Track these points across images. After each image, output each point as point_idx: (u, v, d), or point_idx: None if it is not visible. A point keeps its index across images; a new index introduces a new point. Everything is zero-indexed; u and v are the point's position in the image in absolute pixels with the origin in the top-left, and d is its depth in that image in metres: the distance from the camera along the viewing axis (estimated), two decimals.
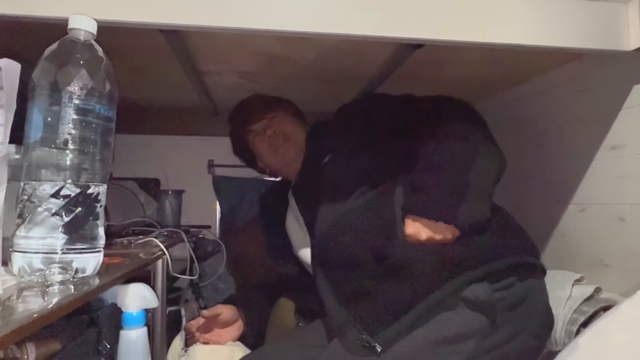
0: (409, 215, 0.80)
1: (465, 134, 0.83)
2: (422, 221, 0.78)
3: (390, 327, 0.72)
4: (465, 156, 0.80)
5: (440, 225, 0.77)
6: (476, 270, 0.73)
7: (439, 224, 0.77)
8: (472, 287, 0.73)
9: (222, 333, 1.12)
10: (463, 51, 0.87)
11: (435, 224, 0.77)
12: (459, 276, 0.73)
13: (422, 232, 0.77)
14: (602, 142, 0.96)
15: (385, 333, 0.72)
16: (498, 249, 0.78)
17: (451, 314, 0.73)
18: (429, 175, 0.80)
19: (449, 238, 0.77)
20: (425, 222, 0.77)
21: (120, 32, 0.71)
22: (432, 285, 0.73)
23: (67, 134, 0.55)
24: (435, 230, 0.77)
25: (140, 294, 0.81)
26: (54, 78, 0.55)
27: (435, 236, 0.77)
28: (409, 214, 0.80)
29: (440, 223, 0.77)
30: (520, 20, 0.78)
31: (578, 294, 0.90)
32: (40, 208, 0.54)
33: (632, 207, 0.89)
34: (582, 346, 0.66)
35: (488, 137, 0.86)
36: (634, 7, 0.80)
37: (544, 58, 1.02)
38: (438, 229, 0.77)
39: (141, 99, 1.45)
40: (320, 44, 0.92)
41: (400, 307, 0.73)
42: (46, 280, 0.54)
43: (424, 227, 0.77)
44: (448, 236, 0.77)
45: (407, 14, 0.75)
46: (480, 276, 0.73)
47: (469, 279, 0.73)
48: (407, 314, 0.72)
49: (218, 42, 0.92)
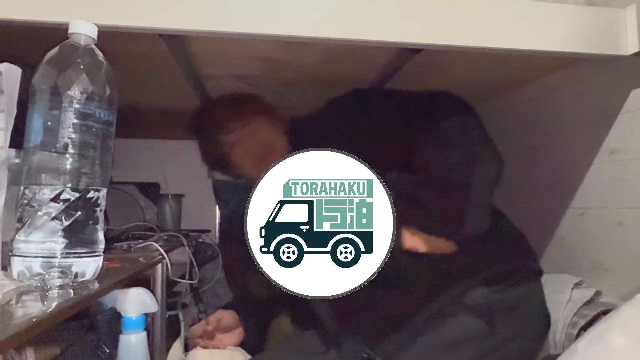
0: (408, 229, 0.78)
1: (462, 138, 0.82)
2: (420, 236, 0.77)
3: (390, 339, 0.72)
4: (464, 166, 0.78)
5: (439, 241, 0.77)
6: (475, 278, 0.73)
7: (439, 240, 0.77)
8: (470, 292, 0.73)
9: (223, 338, 1.11)
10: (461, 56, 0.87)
11: (434, 239, 0.77)
12: (457, 284, 0.72)
13: (421, 247, 0.77)
14: (601, 146, 0.96)
15: (385, 345, 0.72)
16: (496, 254, 0.78)
17: (450, 320, 0.72)
18: (428, 189, 0.79)
19: (447, 251, 0.77)
20: (424, 237, 0.77)
21: (121, 36, 0.71)
22: (430, 295, 0.73)
23: (67, 138, 0.55)
24: (434, 245, 0.77)
25: (140, 298, 0.81)
26: (54, 82, 0.55)
27: (435, 250, 0.76)
28: (407, 227, 0.78)
29: (440, 239, 0.76)
30: (518, 25, 0.79)
31: (578, 298, 0.90)
32: (40, 212, 0.54)
33: (631, 211, 0.89)
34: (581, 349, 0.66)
35: (485, 139, 0.85)
36: (631, 12, 0.80)
37: (542, 62, 1.02)
38: (437, 244, 0.77)
39: (141, 103, 1.45)
40: (319, 49, 0.93)
41: (399, 319, 0.73)
42: (45, 285, 0.54)
43: (422, 243, 0.77)
44: (447, 250, 0.77)
45: (406, 18, 0.75)
46: (478, 282, 0.73)
47: (467, 285, 0.73)
48: (407, 325, 0.71)
49: (218, 46, 0.92)
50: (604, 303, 0.89)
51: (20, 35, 0.76)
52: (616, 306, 0.81)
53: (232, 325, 1.12)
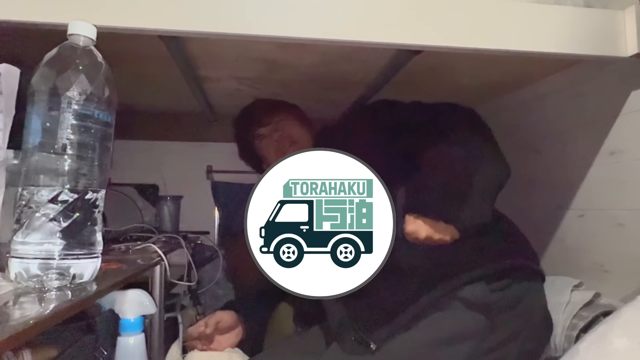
0: (410, 214, 0.79)
1: (471, 142, 0.83)
2: (422, 219, 0.77)
3: (385, 326, 0.72)
4: (470, 161, 0.79)
5: (440, 225, 0.76)
6: (473, 271, 0.73)
7: (439, 224, 0.76)
8: (469, 287, 0.73)
9: (221, 339, 1.11)
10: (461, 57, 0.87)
11: (435, 223, 0.76)
12: (455, 276, 0.73)
13: (422, 230, 0.76)
14: (601, 148, 0.96)
15: (379, 331, 0.72)
16: (495, 252, 0.78)
17: (448, 314, 0.72)
18: (433, 176, 0.80)
19: (447, 239, 0.77)
20: (426, 220, 0.77)
21: (120, 38, 0.71)
22: (427, 285, 0.73)
23: (66, 139, 0.55)
24: (435, 230, 0.76)
25: (138, 300, 0.80)
26: (53, 83, 0.55)
27: (435, 236, 0.76)
28: (410, 212, 0.79)
29: (441, 223, 0.76)
30: (518, 27, 0.79)
31: (577, 300, 0.90)
32: (38, 213, 0.54)
33: (631, 212, 0.89)
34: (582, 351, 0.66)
35: (493, 146, 0.86)
36: (630, 13, 0.80)
37: (542, 64, 1.02)
38: (438, 229, 0.76)
39: (140, 105, 1.45)
40: (319, 50, 0.93)
41: (394, 307, 0.73)
42: (43, 286, 0.53)
43: (424, 226, 0.76)
44: (447, 237, 0.76)
45: (406, 20, 0.75)
46: (477, 277, 0.73)
47: (465, 279, 0.73)
48: (402, 313, 0.72)
49: (217, 48, 0.92)
50: (604, 305, 0.89)
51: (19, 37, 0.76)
52: (616, 308, 0.81)
53: (230, 326, 1.11)
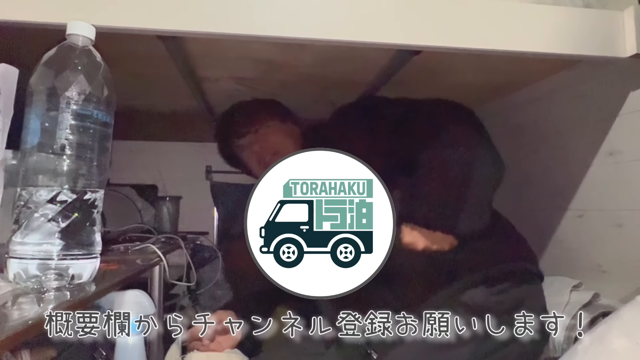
0: (406, 224, 0.79)
1: (465, 140, 0.83)
2: (419, 230, 0.77)
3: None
4: (465, 164, 0.79)
5: (437, 235, 0.77)
6: (473, 276, 0.73)
7: (437, 234, 0.77)
8: (469, 291, 0.72)
9: (221, 340, 1.11)
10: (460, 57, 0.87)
11: (433, 233, 0.77)
12: (454, 281, 0.72)
13: (419, 242, 0.77)
14: (600, 148, 0.96)
15: (381, 340, 0.72)
16: (494, 255, 0.78)
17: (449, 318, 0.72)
18: (428, 183, 0.80)
19: (445, 248, 0.77)
20: (423, 231, 0.77)
21: (119, 38, 0.70)
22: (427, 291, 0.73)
23: (65, 139, 0.55)
24: (433, 240, 0.76)
25: (137, 301, 0.80)
26: (52, 83, 0.55)
27: (432, 246, 0.76)
28: (406, 221, 0.79)
29: (438, 233, 0.76)
30: (517, 28, 0.79)
31: (576, 300, 0.90)
32: (36, 214, 0.54)
33: (629, 213, 0.89)
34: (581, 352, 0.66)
35: (488, 143, 0.86)
36: (629, 14, 0.81)
37: (541, 65, 1.02)
38: (435, 239, 0.76)
39: (139, 105, 1.44)
40: (318, 50, 0.93)
41: (395, 314, 0.73)
42: (42, 287, 0.53)
43: (421, 237, 0.77)
44: (445, 246, 0.76)
45: (405, 20, 0.75)
46: (477, 281, 0.73)
47: (465, 283, 0.72)
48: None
49: (216, 48, 0.92)
50: (603, 305, 0.89)
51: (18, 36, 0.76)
52: (615, 309, 0.81)
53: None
